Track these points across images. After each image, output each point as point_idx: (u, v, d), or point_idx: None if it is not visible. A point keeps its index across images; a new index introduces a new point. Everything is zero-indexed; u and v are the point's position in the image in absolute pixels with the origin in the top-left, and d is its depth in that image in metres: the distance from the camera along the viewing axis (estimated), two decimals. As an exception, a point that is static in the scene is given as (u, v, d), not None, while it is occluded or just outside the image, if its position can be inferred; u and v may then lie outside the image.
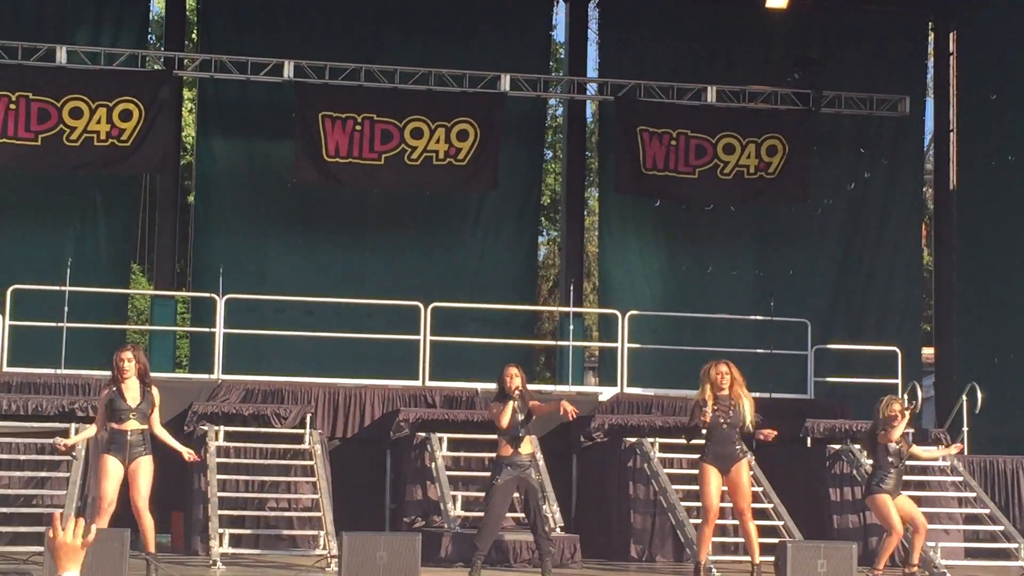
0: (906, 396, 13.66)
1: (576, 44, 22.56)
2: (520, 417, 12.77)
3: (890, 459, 13.22)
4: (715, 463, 12.71)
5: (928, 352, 23.32)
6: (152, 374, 15.65)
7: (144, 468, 12.13)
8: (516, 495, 13.39)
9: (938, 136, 22.67)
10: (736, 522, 15.83)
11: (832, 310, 21.33)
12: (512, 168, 20.98)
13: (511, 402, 12.73)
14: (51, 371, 17.00)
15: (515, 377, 12.85)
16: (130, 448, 12.10)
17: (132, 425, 12.15)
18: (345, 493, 15.22)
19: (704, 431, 12.76)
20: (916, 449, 14.20)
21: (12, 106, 18.95)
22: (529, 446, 12.95)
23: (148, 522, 12.14)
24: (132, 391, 12.17)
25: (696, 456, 13.27)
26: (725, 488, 12.94)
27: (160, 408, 12.34)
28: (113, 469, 12.08)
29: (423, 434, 16.05)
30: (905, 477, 15.98)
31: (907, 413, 13.53)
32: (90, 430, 12.61)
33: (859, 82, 21.54)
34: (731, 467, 12.71)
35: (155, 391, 12.28)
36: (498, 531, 13.21)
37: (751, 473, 13.24)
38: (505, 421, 12.68)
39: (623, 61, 21.92)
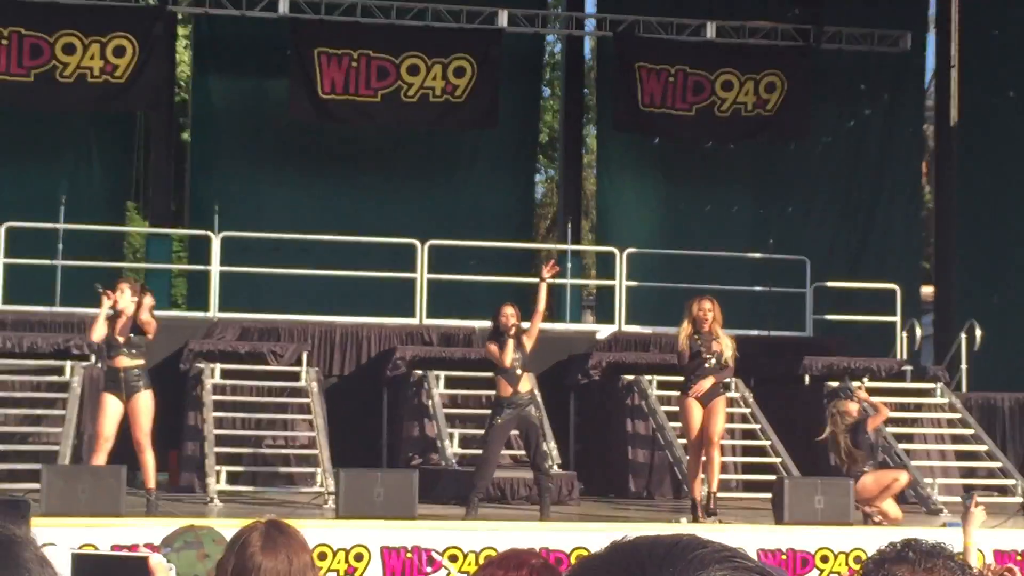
0: (848, 383, 13.66)
1: (574, -23, 22.33)
2: (516, 357, 12.76)
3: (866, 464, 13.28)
4: (697, 396, 12.80)
5: (927, 290, 23.26)
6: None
7: (143, 403, 12.11)
8: (515, 433, 13.41)
9: (939, 72, 22.51)
10: (735, 459, 15.88)
11: (831, 248, 21.23)
12: (510, 106, 20.83)
13: (509, 341, 12.71)
14: (46, 309, 16.93)
15: (511, 317, 12.84)
16: (127, 384, 12.07)
17: (124, 362, 12.12)
18: (342, 431, 15.19)
19: (686, 366, 12.84)
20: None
21: (4, 41, 18.77)
22: (528, 383, 12.96)
23: (148, 458, 12.13)
24: (124, 326, 12.14)
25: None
26: None
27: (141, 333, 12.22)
28: (111, 406, 12.06)
29: (420, 372, 16.03)
30: (901, 414, 16.01)
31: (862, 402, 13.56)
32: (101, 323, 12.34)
33: (860, 18, 21.33)
34: (710, 399, 12.79)
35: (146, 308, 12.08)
36: (494, 470, 13.22)
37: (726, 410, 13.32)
38: (508, 360, 12.68)
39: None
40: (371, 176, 20.92)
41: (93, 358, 15.22)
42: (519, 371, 12.81)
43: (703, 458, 12.95)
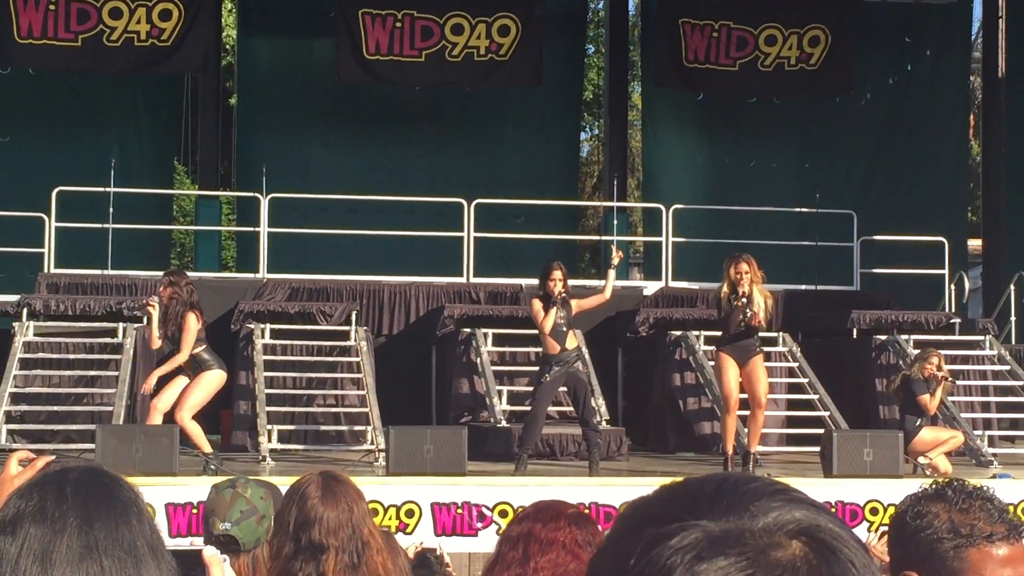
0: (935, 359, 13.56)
1: (618, -65, 22.25)
2: (562, 316, 12.82)
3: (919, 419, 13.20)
4: (732, 353, 12.93)
5: (975, 243, 23.13)
6: (198, 274, 15.85)
7: (196, 381, 12.32)
8: (563, 389, 13.49)
9: (987, 23, 22.31)
10: (783, 412, 15.91)
11: (878, 201, 21.13)
12: (554, 64, 20.81)
13: (553, 307, 12.77)
14: (98, 272, 17.11)
15: (558, 281, 12.87)
16: (194, 369, 12.38)
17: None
18: (391, 389, 15.31)
19: (724, 323, 12.92)
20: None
21: (52, 7, 18.90)
22: (574, 340, 13.05)
23: (190, 431, 12.29)
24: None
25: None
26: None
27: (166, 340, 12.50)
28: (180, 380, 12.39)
29: (468, 330, 16.11)
30: (950, 366, 15.97)
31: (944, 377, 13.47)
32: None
33: (905, -30, 21.19)
34: (748, 359, 12.87)
35: (188, 322, 12.32)
36: (542, 427, 13.31)
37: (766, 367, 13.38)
38: (548, 326, 12.80)
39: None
40: (417, 136, 20.98)
41: (145, 320, 15.39)
42: (565, 329, 12.88)
43: (745, 417, 13.10)
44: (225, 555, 2.77)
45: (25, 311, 15.30)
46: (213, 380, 12.46)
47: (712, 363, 15.44)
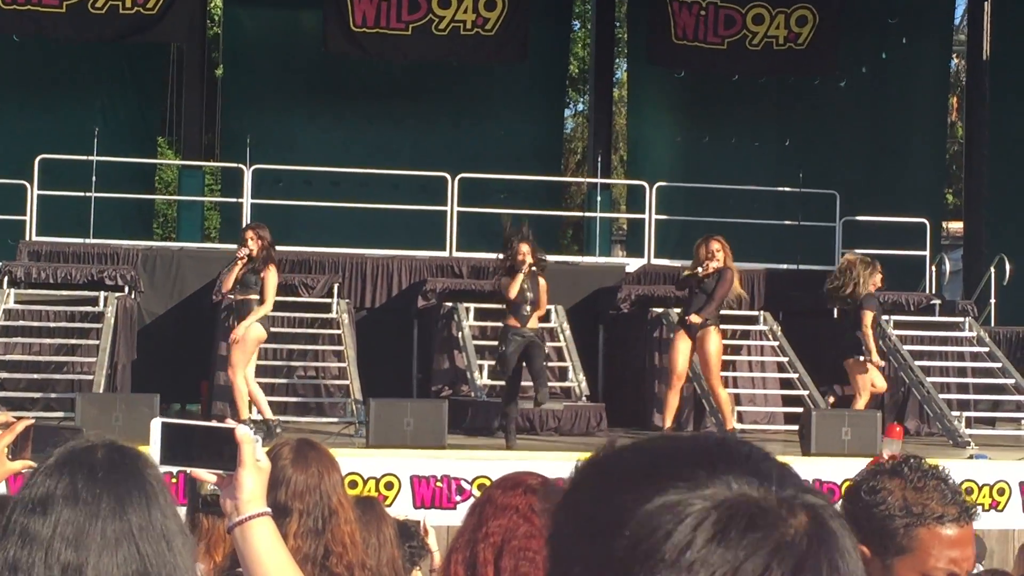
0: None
1: (606, -90, 22.23)
2: (528, 293, 12.92)
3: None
4: (686, 330, 13.18)
5: (957, 226, 23.21)
6: (179, 244, 15.91)
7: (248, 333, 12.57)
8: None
9: (972, 6, 22.35)
10: (763, 391, 15.98)
11: (860, 182, 21.16)
12: (539, 39, 20.79)
13: (519, 275, 12.85)
14: (80, 240, 17.07)
15: (526, 255, 12.98)
16: (239, 315, 12.64)
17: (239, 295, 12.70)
18: (372, 362, 15.33)
19: (681, 299, 13.15)
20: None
21: (36, -27, 18.83)
22: (535, 322, 13.13)
23: (254, 395, 12.63)
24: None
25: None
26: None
27: (236, 283, 12.69)
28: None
29: (450, 304, 16.12)
30: (929, 347, 16.07)
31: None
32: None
33: (891, -50, 21.19)
34: (697, 333, 13.09)
35: (270, 272, 12.58)
36: (518, 394, 13.41)
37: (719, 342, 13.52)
38: (513, 292, 12.94)
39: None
40: (402, 109, 20.95)
41: (127, 289, 15.39)
42: (527, 308, 12.97)
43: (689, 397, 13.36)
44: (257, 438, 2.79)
45: (6, 279, 15.27)
46: (251, 336, 12.72)
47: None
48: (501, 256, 13.46)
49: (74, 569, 2.12)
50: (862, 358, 13.94)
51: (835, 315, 16.71)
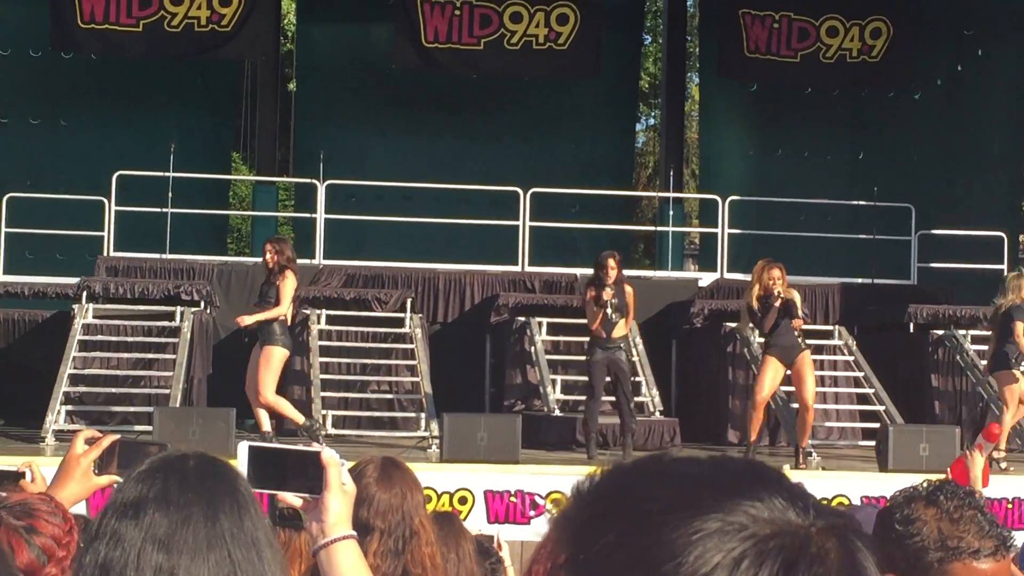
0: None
1: (678, -75, 22.21)
2: (611, 310, 12.98)
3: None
4: (777, 355, 13.08)
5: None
6: (253, 259, 16.06)
7: (253, 356, 12.53)
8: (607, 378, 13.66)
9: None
10: (838, 406, 15.84)
11: (936, 195, 20.97)
12: (611, 53, 20.78)
13: (606, 303, 13.03)
14: (156, 256, 17.24)
15: (611, 269, 13.10)
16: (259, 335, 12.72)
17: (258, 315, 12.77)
18: (445, 377, 15.36)
19: (764, 327, 13.06)
20: None
21: (113, -8, 19.05)
22: (622, 330, 13.25)
23: (280, 408, 12.59)
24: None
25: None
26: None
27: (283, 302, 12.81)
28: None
29: (522, 319, 16.13)
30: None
31: None
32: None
33: (966, -39, 20.99)
34: (793, 359, 12.98)
35: (287, 279, 12.61)
36: (600, 404, 13.46)
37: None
38: (593, 327, 13.25)
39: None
40: (474, 124, 21.01)
41: (203, 304, 15.52)
42: (613, 318, 13.14)
43: (797, 419, 13.23)
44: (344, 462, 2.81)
45: (85, 294, 15.44)
46: (276, 356, 12.67)
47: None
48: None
49: (165, 572, 2.13)
50: (1016, 370, 13.42)
51: (911, 329, 16.57)
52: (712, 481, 1.30)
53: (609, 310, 13.17)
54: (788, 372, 13.15)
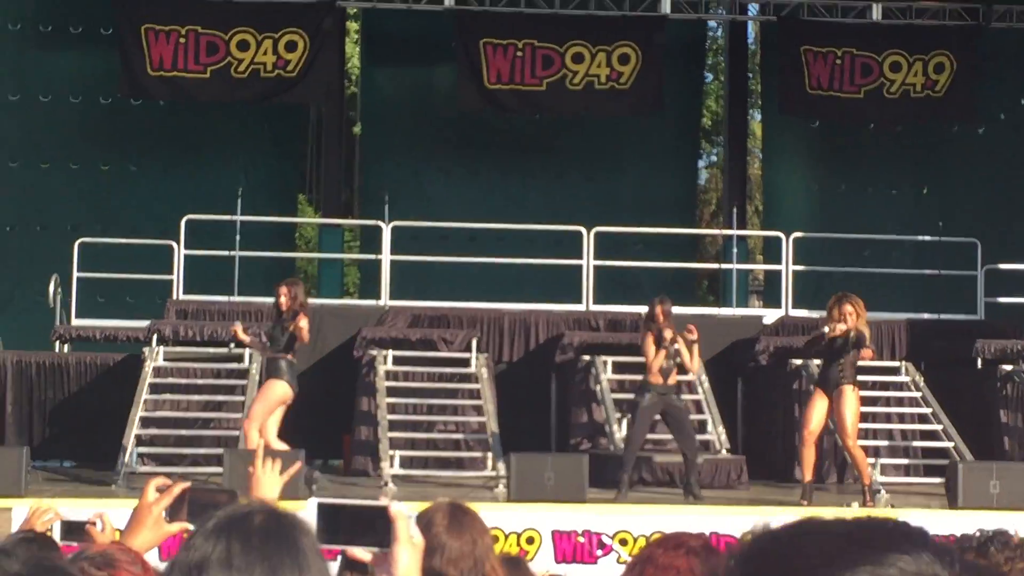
0: None
1: (737, -37, 22.29)
2: (669, 360, 13.20)
3: None
4: (823, 388, 13.11)
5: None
6: (321, 301, 16.19)
7: (262, 391, 12.74)
8: (658, 418, 13.71)
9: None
10: (906, 443, 15.75)
11: (1001, 229, 20.83)
12: (672, 91, 20.83)
13: (663, 350, 13.25)
14: (224, 298, 17.43)
15: (662, 316, 13.22)
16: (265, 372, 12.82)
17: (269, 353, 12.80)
18: (511, 417, 15.41)
19: (820, 356, 13.08)
20: None
21: (182, 40, 19.34)
22: (675, 377, 13.31)
23: (250, 441, 12.64)
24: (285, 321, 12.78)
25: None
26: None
27: (311, 340, 12.93)
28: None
29: (587, 357, 16.16)
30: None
31: None
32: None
33: (1030, -5, 20.87)
34: (833, 391, 13.02)
35: (301, 322, 12.73)
36: (638, 450, 13.48)
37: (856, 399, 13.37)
38: (655, 368, 13.34)
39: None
40: (537, 164, 21.12)
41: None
42: (668, 365, 13.30)
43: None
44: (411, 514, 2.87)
45: (155, 337, 15.64)
46: (276, 392, 12.76)
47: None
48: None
49: None
50: None
51: (979, 365, 16.47)
52: (861, 537, 1.36)
53: (669, 352, 13.25)
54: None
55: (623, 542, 11.79)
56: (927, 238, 19.55)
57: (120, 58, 19.33)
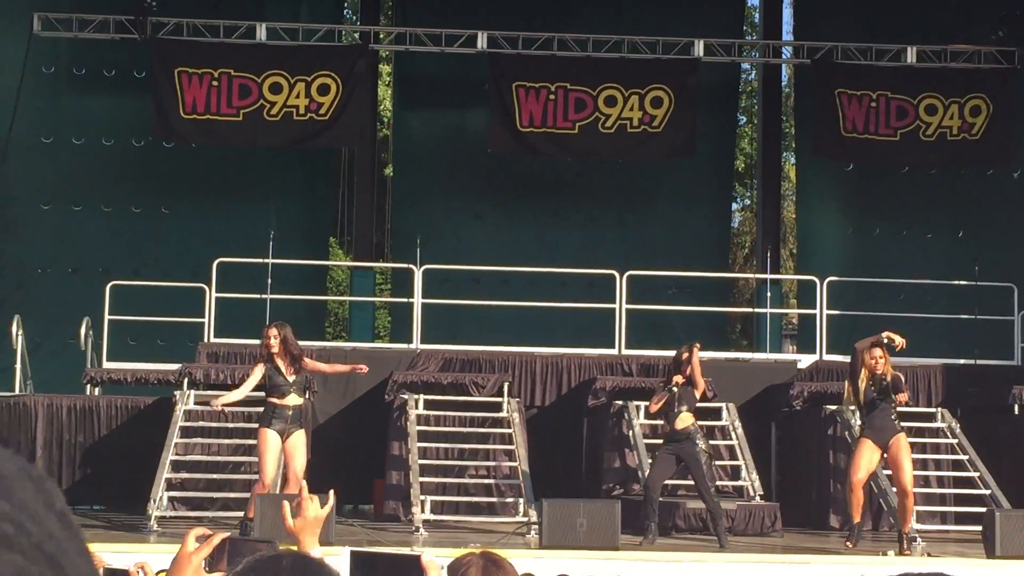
0: None
1: (770, 6, 22.26)
2: (675, 404, 13.34)
3: None
4: (871, 436, 12.82)
5: None
6: (352, 344, 16.11)
7: (300, 441, 12.49)
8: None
9: None
10: (942, 490, 15.56)
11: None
12: (706, 134, 20.80)
13: (667, 393, 13.39)
14: (255, 342, 17.37)
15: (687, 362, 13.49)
16: (288, 422, 12.43)
17: (292, 400, 12.50)
18: (542, 461, 15.32)
19: (863, 408, 12.90)
20: None
21: (215, 83, 19.41)
22: (686, 421, 13.38)
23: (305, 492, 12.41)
24: (286, 366, 12.52)
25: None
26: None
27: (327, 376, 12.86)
28: (273, 442, 12.43)
29: (620, 402, 16.06)
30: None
31: None
32: (236, 394, 12.85)
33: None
34: (889, 440, 12.70)
35: (308, 362, 12.67)
36: (658, 497, 13.41)
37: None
38: (653, 410, 13.69)
39: (818, 22, 21.52)
40: (568, 206, 21.09)
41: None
42: (675, 411, 13.37)
43: (897, 505, 13.07)
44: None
45: (186, 380, 15.62)
46: (259, 439, 12.57)
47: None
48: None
49: None
50: None
51: (1016, 411, 16.29)
52: None
53: (675, 397, 13.27)
54: (884, 455, 12.93)
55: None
56: (963, 282, 19.40)
57: (153, 101, 19.41)
